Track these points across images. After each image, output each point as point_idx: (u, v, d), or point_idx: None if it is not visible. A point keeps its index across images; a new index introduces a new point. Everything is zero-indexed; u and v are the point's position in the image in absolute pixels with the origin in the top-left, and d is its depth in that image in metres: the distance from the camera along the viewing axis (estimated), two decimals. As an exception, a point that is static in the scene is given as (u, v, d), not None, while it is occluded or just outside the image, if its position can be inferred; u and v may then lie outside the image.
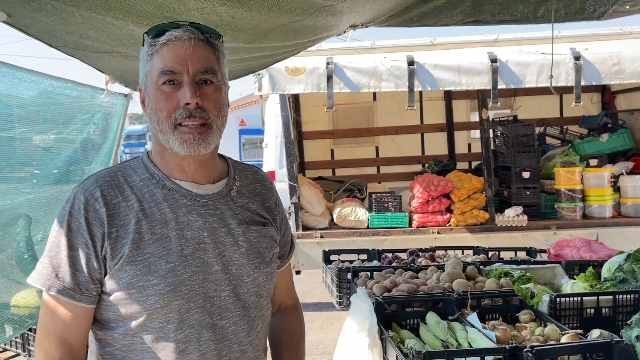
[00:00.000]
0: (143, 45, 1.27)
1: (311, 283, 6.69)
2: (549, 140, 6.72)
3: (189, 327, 1.22)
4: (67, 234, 1.20)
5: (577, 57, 4.66)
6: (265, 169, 8.32)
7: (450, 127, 7.06)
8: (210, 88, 1.24)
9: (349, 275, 2.97)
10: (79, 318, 1.21)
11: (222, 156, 1.43)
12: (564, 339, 2.04)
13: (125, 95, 3.47)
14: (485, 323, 2.28)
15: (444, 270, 2.93)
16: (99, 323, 1.25)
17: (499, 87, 4.66)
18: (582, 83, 4.67)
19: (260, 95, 5.18)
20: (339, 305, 3.00)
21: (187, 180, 1.28)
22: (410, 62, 4.66)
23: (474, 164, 7.04)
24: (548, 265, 2.98)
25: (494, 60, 4.66)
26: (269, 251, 1.37)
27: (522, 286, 2.51)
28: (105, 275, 1.20)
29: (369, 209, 5.75)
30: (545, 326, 2.20)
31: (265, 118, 8.27)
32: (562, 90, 5.84)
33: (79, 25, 2.09)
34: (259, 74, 4.76)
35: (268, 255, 1.36)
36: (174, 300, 1.20)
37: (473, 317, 2.26)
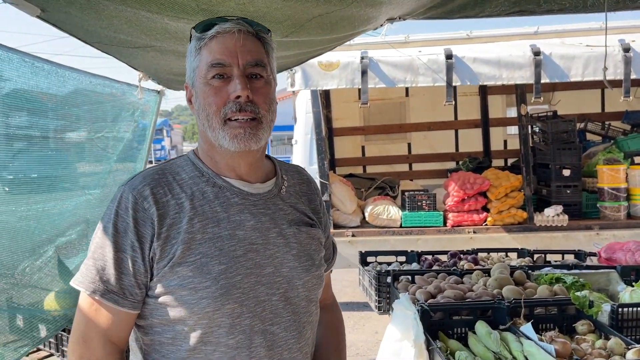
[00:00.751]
0: (190, 40, 1.23)
1: (342, 282, 6.59)
2: (589, 136, 6.47)
3: (240, 333, 1.15)
4: (113, 235, 1.14)
5: (626, 49, 4.42)
6: (294, 165, 8.23)
7: (485, 123, 6.85)
8: (260, 82, 1.19)
9: (389, 279, 2.85)
10: (121, 323, 1.15)
11: (267, 155, 1.37)
12: (630, 355, 1.89)
13: (158, 92, 3.41)
14: (540, 334, 2.13)
15: (489, 275, 2.79)
16: (144, 328, 1.19)
17: (542, 81, 4.46)
18: (632, 76, 4.43)
19: (293, 91, 5.07)
20: (379, 310, 2.88)
21: (237, 178, 1.23)
22: (448, 56, 4.49)
23: (510, 161, 6.83)
24: (602, 270, 2.81)
25: (537, 53, 4.45)
26: (318, 254, 1.31)
27: (578, 294, 2.35)
28: (152, 278, 1.14)
29: (402, 208, 5.62)
30: (607, 339, 2.04)
31: (296, 114, 8.19)
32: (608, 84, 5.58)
33: (112, 19, 2.03)
34: (291, 70, 4.66)
35: (317, 258, 1.31)
36: (227, 303, 1.13)
37: (527, 328, 2.11)
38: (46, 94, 2.46)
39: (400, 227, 5.42)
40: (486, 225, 5.37)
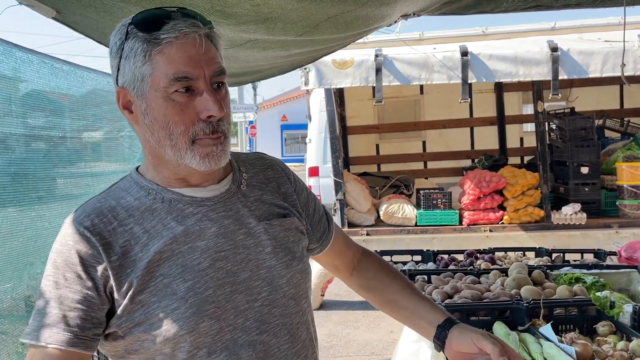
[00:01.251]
0: (126, 39, 1.03)
1: (356, 281, 6.58)
2: (608, 133, 6.36)
3: (223, 350, 1.05)
4: (60, 273, 1.03)
5: (646, 44, 4.34)
6: (309, 164, 8.23)
7: (501, 121, 6.78)
8: (223, 91, 1.07)
9: (405, 279, 2.81)
10: None
11: None
12: (653, 357, 1.84)
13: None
14: (560, 335, 2.09)
15: (507, 275, 2.75)
16: None
17: (560, 77, 4.39)
18: (652, 72, 4.35)
19: (307, 90, 5.06)
20: (395, 310, 2.85)
21: (188, 186, 1.11)
22: (464, 53, 4.44)
23: (527, 158, 6.75)
24: (623, 270, 2.75)
25: (554, 49, 4.39)
26: (298, 244, 1.20)
27: (599, 294, 2.31)
28: (113, 314, 1.03)
29: (417, 206, 5.58)
30: (629, 340, 2.00)
31: (310, 113, 8.18)
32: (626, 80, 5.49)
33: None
34: (305, 68, 4.64)
35: (298, 250, 1.19)
36: (201, 322, 1.03)
37: (547, 329, 2.07)
38: (66, 94, 2.47)
39: (415, 225, 5.38)
40: (502, 223, 5.32)
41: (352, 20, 2.39)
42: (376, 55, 4.56)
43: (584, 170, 5.37)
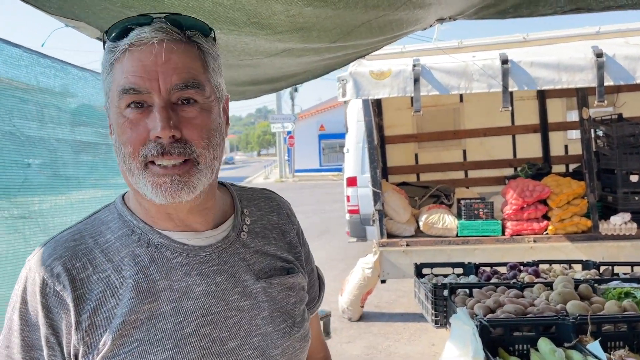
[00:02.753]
0: (104, 49, 0.92)
1: (397, 292, 6.52)
2: (658, 139, 6.09)
3: None
4: (20, 330, 0.89)
5: (697, 47, 4.16)
6: (346, 174, 8.24)
7: (544, 128, 6.61)
8: (194, 110, 0.88)
9: (446, 292, 2.78)
10: None
11: (223, 185, 1.09)
12: None
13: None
14: (608, 353, 2.03)
15: (552, 289, 2.68)
16: None
17: (606, 83, 4.25)
18: None
19: (344, 101, 5.07)
20: (435, 323, 2.81)
21: (178, 229, 0.95)
22: (504, 61, 4.36)
23: (572, 167, 6.55)
24: (676, 284, 2.64)
25: (599, 54, 4.25)
26: (299, 307, 1.04)
27: (650, 310, 2.22)
28: None
29: (458, 216, 5.50)
30: (683, 360, 1.91)
31: (347, 123, 8.20)
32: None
33: None
34: (343, 80, 4.67)
35: (299, 315, 1.03)
36: None
37: (595, 346, 2.01)
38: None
39: (457, 236, 5.30)
40: (547, 234, 5.17)
41: (385, 25, 2.39)
42: (414, 65, 4.53)
43: (634, 178, 5.17)
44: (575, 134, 6.73)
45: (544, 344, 2.07)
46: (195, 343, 0.90)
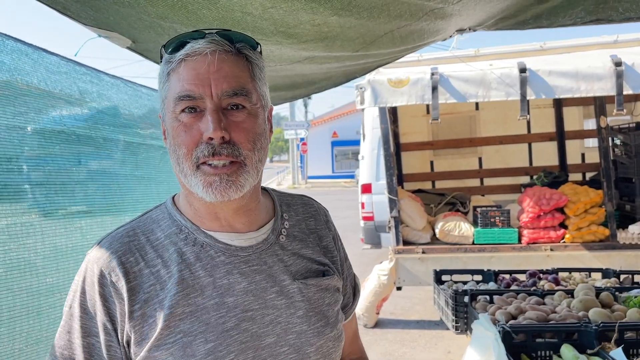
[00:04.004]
0: (161, 61, 1.02)
1: (412, 299, 6.52)
2: (677, 148, 6.05)
3: None
4: (80, 317, 0.96)
5: None
6: (361, 181, 8.26)
7: (561, 136, 6.60)
8: (242, 114, 0.96)
9: (466, 299, 2.80)
10: None
11: (265, 190, 1.16)
12: None
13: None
14: (631, 360, 2.04)
15: (572, 296, 2.69)
16: None
17: (625, 92, 4.25)
18: None
19: (362, 108, 5.11)
20: (456, 330, 2.83)
21: (222, 230, 1.02)
22: (522, 69, 4.38)
23: (589, 175, 6.52)
24: (698, 293, 2.63)
25: (618, 63, 4.26)
26: (333, 308, 1.09)
27: (673, 318, 2.23)
28: None
29: (474, 224, 5.50)
30: None
31: (363, 130, 8.23)
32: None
33: None
34: (361, 88, 4.71)
35: (332, 315, 1.08)
36: None
37: (618, 353, 2.02)
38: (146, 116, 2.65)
39: (473, 244, 5.30)
40: (564, 242, 5.16)
41: (407, 35, 2.43)
42: (432, 74, 4.56)
43: (652, 187, 5.15)
44: (592, 142, 6.71)
45: (567, 350, 2.09)
46: (236, 337, 0.95)
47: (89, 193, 2.05)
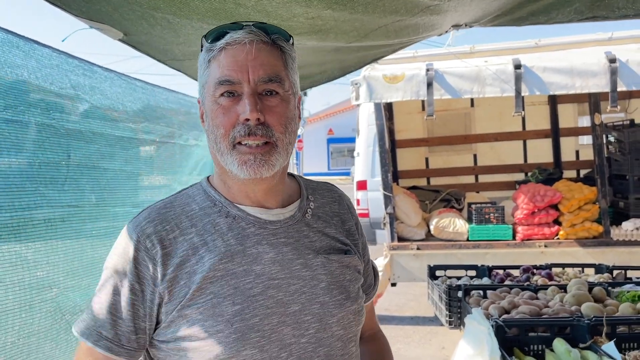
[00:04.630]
0: (201, 50, 1.10)
1: (407, 295, 6.53)
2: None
3: None
4: (112, 277, 1.04)
5: None
6: (357, 178, 8.27)
7: (555, 133, 6.61)
8: (275, 100, 1.05)
9: (460, 294, 2.80)
10: None
11: (292, 175, 1.25)
12: None
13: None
14: (623, 354, 2.05)
15: (565, 291, 2.69)
16: None
17: (619, 89, 4.26)
18: None
19: (358, 104, 5.11)
20: (449, 324, 2.84)
21: (253, 205, 1.10)
22: (517, 66, 4.38)
23: (583, 172, 6.54)
24: (690, 288, 2.64)
25: (612, 60, 4.27)
26: (354, 284, 1.15)
27: (665, 313, 2.23)
28: (158, 323, 1.04)
29: (469, 220, 5.51)
30: (699, 361, 1.93)
31: (358, 127, 8.23)
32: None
33: (189, 35, 2.14)
34: (356, 83, 4.71)
35: (353, 290, 1.14)
36: (243, 349, 0.99)
37: (610, 347, 2.03)
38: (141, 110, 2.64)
39: (467, 240, 5.31)
40: (558, 239, 5.17)
41: (402, 29, 2.42)
42: (427, 70, 4.56)
43: (646, 184, 5.17)
44: (586, 139, 6.73)
45: (559, 344, 2.09)
46: (262, 302, 1.02)
47: (79, 187, 2.03)
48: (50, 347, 1.87)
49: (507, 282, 3.07)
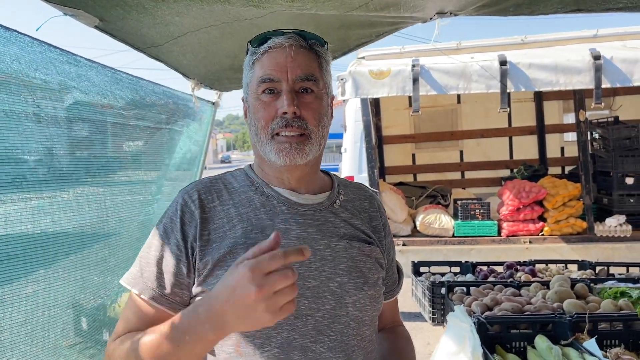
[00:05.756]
0: (247, 54, 1.24)
1: (392, 291, 6.53)
2: (654, 142, 6.13)
3: (277, 346, 1.10)
4: (160, 235, 1.17)
5: (693, 51, 4.19)
6: (344, 174, 8.23)
7: (541, 130, 6.65)
8: (310, 97, 1.17)
9: (443, 290, 2.79)
10: (158, 321, 1.11)
11: (326, 172, 1.34)
12: None
13: (213, 104, 3.49)
14: (604, 350, 2.05)
15: (548, 287, 2.70)
16: None
17: (603, 86, 4.27)
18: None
19: (344, 100, 5.08)
20: (433, 321, 2.83)
21: (286, 188, 1.21)
22: (503, 62, 4.38)
23: (568, 169, 6.59)
24: (671, 284, 2.66)
25: (597, 57, 4.28)
26: (373, 273, 1.22)
27: (646, 309, 2.24)
28: (195, 280, 1.14)
29: (454, 217, 5.52)
30: (678, 358, 1.93)
31: (345, 123, 8.21)
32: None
33: (165, 17, 2.11)
34: (342, 79, 4.68)
35: (372, 277, 1.21)
36: None
37: (591, 344, 2.03)
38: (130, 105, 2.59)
39: (453, 236, 5.32)
40: (543, 235, 5.20)
41: (383, 7, 2.39)
42: (413, 65, 4.54)
43: (629, 180, 5.21)
44: (571, 136, 6.78)
45: (540, 341, 2.09)
46: None
47: (65, 177, 1.99)
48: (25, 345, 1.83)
49: (490, 279, 3.07)
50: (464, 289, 2.79)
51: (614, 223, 5.09)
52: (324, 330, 1.12)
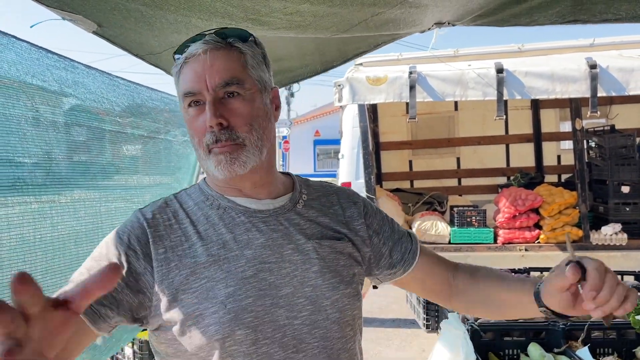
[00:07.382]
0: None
1: (387, 298, 6.53)
2: (650, 151, 6.16)
3: None
4: (104, 247, 1.09)
5: (689, 61, 4.22)
6: (341, 180, 8.23)
7: (537, 138, 6.67)
8: (237, 101, 1.09)
9: (437, 297, 2.79)
10: (78, 338, 0.98)
11: (287, 174, 1.29)
12: (697, 384, 1.78)
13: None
14: (597, 359, 2.05)
15: (542, 295, 2.70)
16: (163, 358, 1.13)
17: (599, 95, 4.30)
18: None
19: (340, 106, 5.09)
20: (427, 328, 2.83)
21: (243, 197, 1.16)
22: (499, 70, 4.40)
23: (564, 177, 6.61)
24: (665, 293, 2.66)
25: (593, 66, 4.30)
26: (348, 270, 1.17)
27: (639, 317, 2.24)
28: (150, 307, 1.05)
29: (451, 223, 5.52)
30: (671, 367, 1.94)
31: (342, 129, 8.23)
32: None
33: (164, 29, 2.11)
34: (339, 85, 4.69)
35: (347, 275, 1.16)
36: (237, 329, 1.02)
37: (584, 352, 2.03)
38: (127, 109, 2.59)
39: (449, 243, 5.32)
40: (539, 243, 5.21)
41: (382, 24, 2.40)
42: (410, 72, 4.56)
43: (625, 189, 5.22)
44: (568, 144, 6.80)
45: (533, 349, 2.09)
46: (254, 284, 1.06)
47: (62, 182, 1.99)
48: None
49: (485, 286, 3.06)
50: (459, 296, 2.79)
51: (610, 231, 5.10)
52: (305, 338, 1.08)
